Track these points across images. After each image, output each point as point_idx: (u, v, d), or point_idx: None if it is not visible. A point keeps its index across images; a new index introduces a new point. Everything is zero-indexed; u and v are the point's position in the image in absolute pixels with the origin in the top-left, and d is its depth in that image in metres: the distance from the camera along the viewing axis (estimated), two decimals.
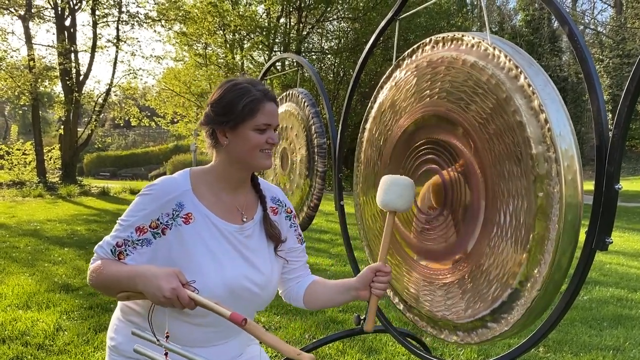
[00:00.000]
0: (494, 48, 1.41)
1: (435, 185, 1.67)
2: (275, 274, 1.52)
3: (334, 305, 1.61)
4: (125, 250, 1.34)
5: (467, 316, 1.52)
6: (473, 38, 1.50)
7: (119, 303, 1.50)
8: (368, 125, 2.04)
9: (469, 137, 1.48)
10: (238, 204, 1.48)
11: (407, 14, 2.03)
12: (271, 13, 20.35)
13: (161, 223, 1.35)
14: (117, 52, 18.89)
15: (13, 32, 25.50)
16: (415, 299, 1.77)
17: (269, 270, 1.49)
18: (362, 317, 2.32)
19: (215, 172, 1.45)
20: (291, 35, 19.70)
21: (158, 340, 1.22)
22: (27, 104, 18.19)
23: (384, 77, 1.94)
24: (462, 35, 1.54)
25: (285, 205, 1.61)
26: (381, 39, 2.21)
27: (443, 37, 1.63)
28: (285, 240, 1.56)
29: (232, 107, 1.38)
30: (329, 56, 21.41)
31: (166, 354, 1.21)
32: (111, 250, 1.34)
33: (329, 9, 19.73)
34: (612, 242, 1.24)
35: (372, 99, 2.02)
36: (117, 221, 1.38)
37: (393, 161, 1.86)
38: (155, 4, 18.64)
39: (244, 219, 1.47)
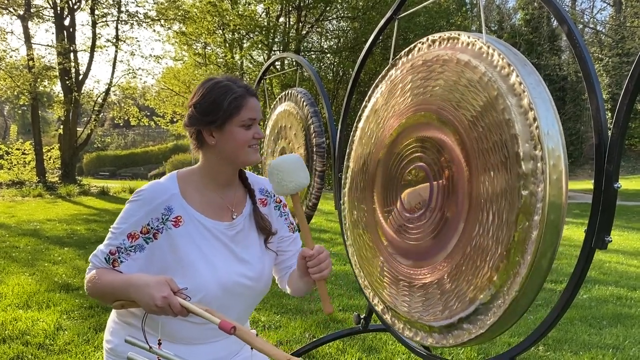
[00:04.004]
0: (488, 47, 1.41)
1: (422, 184, 1.66)
2: (267, 265, 1.54)
3: (306, 290, 1.54)
4: (119, 258, 1.35)
5: (443, 317, 1.51)
6: (468, 37, 1.50)
7: None
8: (361, 124, 2.03)
9: (458, 135, 1.48)
10: (227, 201, 1.49)
11: (406, 13, 2.03)
12: (270, 12, 20.34)
13: (152, 228, 1.37)
14: (116, 51, 18.87)
15: (12, 32, 25.35)
16: (394, 300, 1.76)
17: (260, 262, 1.51)
18: (361, 316, 2.33)
19: (203, 173, 1.47)
20: (290, 34, 19.69)
21: (150, 347, 1.23)
22: (26, 103, 18.17)
23: (380, 76, 1.94)
24: (459, 35, 1.54)
25: (274, 196, 1.62)
26: (380, 38, 2.21)
27: (440, 36, 1.63)
28: (276, 232, 1.58)
29: (217, 105, 1.38)
30: (328, 55, 21.39)
31: None
32: (105, 259, 1.36)
33: (328, 8, 19.72)
34: (611, 240, 1.24)
35: (366, 98, 2.02)
36: (110, 229, 1.39)
37: (382, 160, 1.86)
38: (154, 3, 18.60)
39: (234, 216, 1.49)
